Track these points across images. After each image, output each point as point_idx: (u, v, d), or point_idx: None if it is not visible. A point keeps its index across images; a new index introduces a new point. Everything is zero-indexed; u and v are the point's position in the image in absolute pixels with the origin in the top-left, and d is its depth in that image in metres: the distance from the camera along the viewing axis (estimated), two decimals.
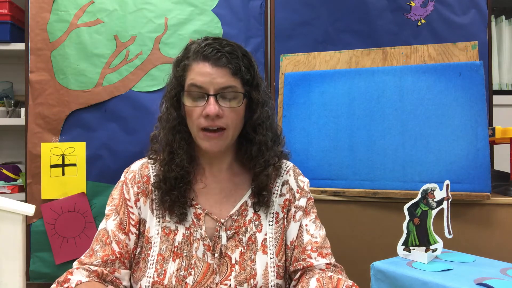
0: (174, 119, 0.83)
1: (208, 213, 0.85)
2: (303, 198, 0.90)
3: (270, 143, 0.86)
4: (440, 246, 0.88)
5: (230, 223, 0.85)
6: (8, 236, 0.99)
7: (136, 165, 0.90)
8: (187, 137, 0.84)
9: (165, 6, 1.72)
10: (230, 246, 0.83)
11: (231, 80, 0.79)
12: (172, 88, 0.85)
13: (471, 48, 1.31)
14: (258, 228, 0.86)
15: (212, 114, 0.77)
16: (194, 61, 0.80)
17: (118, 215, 0.84)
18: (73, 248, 1.64)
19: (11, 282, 0.98)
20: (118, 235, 0.82)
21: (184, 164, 0.83)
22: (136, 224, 0.85)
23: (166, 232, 0.83)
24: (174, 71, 0.85)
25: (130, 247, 0.83)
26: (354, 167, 1.27)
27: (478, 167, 1.15)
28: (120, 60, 1.69)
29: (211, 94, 0.78)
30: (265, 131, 0.85)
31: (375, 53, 1.41)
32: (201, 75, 0.78)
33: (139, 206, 0.85)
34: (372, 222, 1.24)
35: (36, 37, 1.68)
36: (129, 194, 0.86)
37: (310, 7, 1.78)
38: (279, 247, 0.86)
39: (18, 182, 1.89)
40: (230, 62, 0.78)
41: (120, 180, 0.89)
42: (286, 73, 1.45)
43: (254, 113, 0.84)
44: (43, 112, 1.66)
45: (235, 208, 0.86)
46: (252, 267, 0.81)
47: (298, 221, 0.88)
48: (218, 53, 0.78)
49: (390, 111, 1.27)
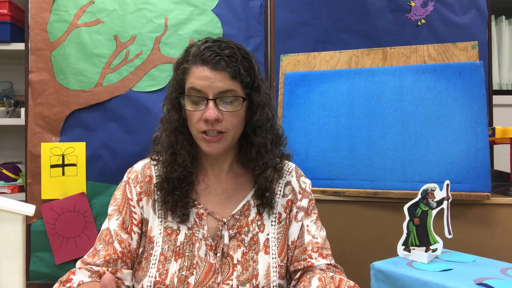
0: (176, 121, 0.83)
1: (210, 213, 0.85)
2: (305, 199, 0.90)
3: (269, 146, 0.86)
4: (440, 246, 0.88)
5: (233, 222, 0.85)
6: (8, 236, 0.99)
7: (139, 165, 0.90)
8: (189, 138, 0.84)
9: (165, 6, 1.72)
10: (232, 246, 0.83)
11: (230, 83, 0.78)
12: (173, 91, 0.85)
13: (471, 48, 1.31)
14: (261, 228, 0.86)
15: (211, 119, 0.77)
16: (193, 64, 0.80)
17: (120, 214, 0.85)
18: (73, 248, 1.64)
19: (11, 282, 0.98)
20: (120, 234, 0.83)
21: (187, 164, 0.83)
22: (138, 223, 0.85)
23: (168, 232, 0.83)
24: (174, 73, 0.85)
25: (133, 247, 0.83)
26: (354, 167, 1.27)
27: (478, 167, 1.15)
28: (120, 60, 1.69)
29: (210, 99, 0.78)
30: (265, 133, 0.85)
31: (375, 53, 1.41)
32: (200, 79, 0.78)
33: (141, 206, 0.86)
34: (372, 222, 1.24)
35: (36, 37, 1.68)
36: (132, 194, 0.86)
37: (310, 7, 1.78)
38: (281, 247, 0.86)
39: (18, 182, 1.89)
40: (229, 66, 0.78)
41: (123, 180, 0.90)
42: (286, 73, 1.45)
43: (254, 115, 0.84)
44: (43, 112, 1.66)
45: (238, 207, 0.86)
46: (254, 267, 0.81)
47: (300, 221, 0.88)
48: (217, 56, 0.77)
49: (390, 111, 1.27)
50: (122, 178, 0.90)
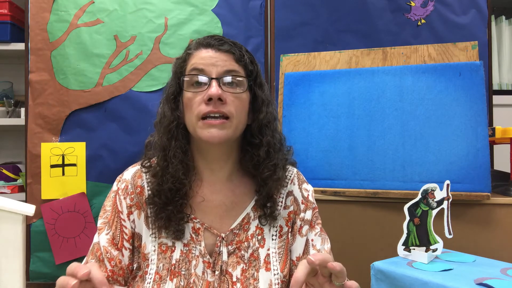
0: (170, 122, 0.77)
1: (207, 228, 0.79)
2: (309, 211, 0.86)
3: (277, 145, 0.81)
4: (440, 246, 0.88)
5: (231, 237, 0.80)
6: (8, 236, 0.99)
7: (129, 174, 0.83)
8: (183, 145, 0.78)
9: (165, 6, 1.72)
10: (231, 262, 0.78)
11: (234, 65, 0.76)
12: (170, 86, 0.80)
13: (471, 48, 1.31)
14: (261, 243, 0.81)
15: (214, 95, 0.72)
16: (196, 49, 0.78)
17: (110, 229, 0.79)
18: (73, 248, 1.64)
19: (11, 282, 0.98)
20: (110, 251, 0.78)
21: (179, 175, 0.76)
22: (129, 238, 0.79)
23: (162, 249, 0.78)
24: (174, 67, 0.82)
25: (125, 263, 0.79)
26: (354, 167, 1.27)
27: (478, 167, 1.15)
28: (120, 60, 1.69)
29: (213, 78, 0.74)
30: (273, 132, 0.80)
31: (375, 53, 1.41)
32: (203, 59, 0.75)
33: (132, 219, 0.80)
34: (372, 222, 1.23)
35: (36, 37, 1.68)
36: (122, 206, 0.80)
37: (310, 7, 1.78)
38: (283, 262, 0.81)
39: (18, 182, 1.89)
40: (234, 49, 0.76)
41: (112, 189, 0.84)
42: (286, 73, 1.45)
43: (259, 112, 0.80)
44: (43, 112, 1.66)
45: (237, 221, 0.81)
46: (255, 286, 0.77)
47: (305, 236, 0.84)
48: (221, 40, 0.76)
49: (390, 111, 1.27)
50: None
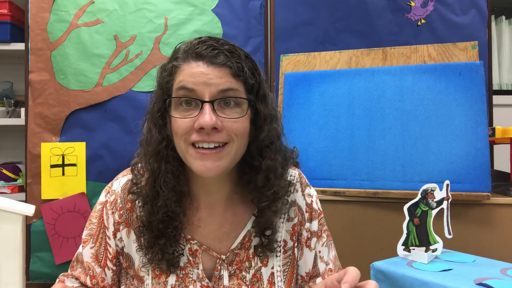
0: (158, 143, 0.66)
1: (205, 250, 0.71)
2: (315, 221, 0.78)
3: (280, 170, 0.69)
4: (440, 246, 0.88)
5: (232, 257, 0.72)
6: (8, 236, 0.98)
7: (118, 185, 0.74)
8: (175, 169, 0.67)
9: (165, 6, 1.72)
10: (232, 285, 0.71)
11: (232, 82, 0.62)
12: (155, 101, 0.67)
13: (471, 48, 1.31)
14: (264, 261, 0.73)
15: (207, 125, 0.59)
16: (184, 61, 0.63)
17: (94, 245, 0.73)
18: (73, 248, 1.64)
19: (11, 282, 0.98)
20: (93, 268, 0.72)
21: (171, 204, 0.66)
22: (113, 258, 0.72)
23: (156, 274, 0.70)
24: (159, 77, 0.67)
25: (107, 282, 0.72)
26: (354, 167, 1.27)
27: (478, 167, 1.15)
28: (120, 60, 1.69)
29: (206, 101, 0.60)
30: (274, 155, 0.68)
31: (375, 53, 1.41)
32: (193, 76, 0.61)
33: (119, 237, 0.72)
34: (372, 222, 1.23)
35: (36, 37, 1.68)
36: (108, 222, 0.72)
37: (310, 7, 1.78)
38: (289, 280, 0.74)
39: (18, 182, 1.89)
40: (230, 61, 0.61)
41: (100, 201, 0.74)
42: (286, 73, 1.45)
43: (260, 131, 0.67)
44: (43, 112, 1.66)
45: (238, 240, 0.73)
46: None
47: (314, 249, 0.77)
48: (215, 50, 0.61)
49: (390, 111, 1.27)
50: None
